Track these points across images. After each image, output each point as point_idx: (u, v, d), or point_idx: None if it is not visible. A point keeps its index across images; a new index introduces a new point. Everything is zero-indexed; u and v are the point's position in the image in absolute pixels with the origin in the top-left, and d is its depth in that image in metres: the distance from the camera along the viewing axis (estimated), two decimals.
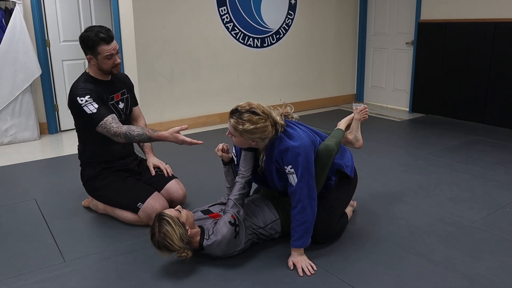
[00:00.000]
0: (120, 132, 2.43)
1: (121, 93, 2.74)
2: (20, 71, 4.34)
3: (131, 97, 2.85)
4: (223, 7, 5.05)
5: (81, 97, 2.48)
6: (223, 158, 2.34)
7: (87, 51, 2.55)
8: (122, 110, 2.72)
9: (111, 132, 2.45)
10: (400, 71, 5.94)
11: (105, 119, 2.46)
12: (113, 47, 2.54)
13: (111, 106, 2.64)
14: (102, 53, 2.51)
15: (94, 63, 2.57)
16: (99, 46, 2.50)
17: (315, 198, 2.12)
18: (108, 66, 2.57)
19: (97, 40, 2.49)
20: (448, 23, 5.15)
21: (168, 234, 1.97)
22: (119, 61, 2.62)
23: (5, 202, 3.00)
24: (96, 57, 2.54)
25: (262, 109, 2.04)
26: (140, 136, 2.45)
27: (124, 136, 2.44)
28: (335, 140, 2.30)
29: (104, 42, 2.50)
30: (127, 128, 2.45)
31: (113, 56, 2.56)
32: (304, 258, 2.15)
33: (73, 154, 4.06)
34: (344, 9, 6.14)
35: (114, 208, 2.67)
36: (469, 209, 2.81)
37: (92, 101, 2.48)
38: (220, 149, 2.32)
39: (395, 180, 3.31)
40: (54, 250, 2.35)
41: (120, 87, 2.75)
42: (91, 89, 2.53)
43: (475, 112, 5.09)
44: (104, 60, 2.54)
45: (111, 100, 2.65)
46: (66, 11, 4.75)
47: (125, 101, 2.76)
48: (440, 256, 2.25)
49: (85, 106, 2.47)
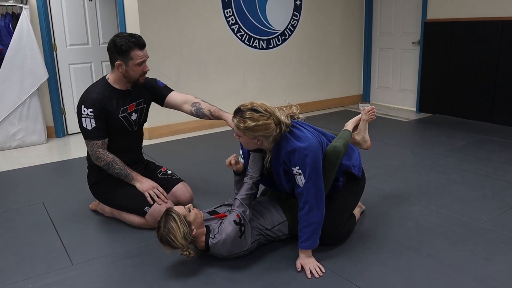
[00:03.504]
0: (104, 159, 2.56)
1: (137, 103, 2.70)
2: (27, 75, 4.37)
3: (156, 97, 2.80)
4: (229, 9, 5.05)
5: (85, 107, 2.50)
6: (237, 169, 2.32)
7: (118, 56, 2.50)
8: (134, 121, 2.69)
9: (95, 155, 2.56)
10: (406, 71, 5.90)
11: (95, 142, 2.53)
12: (145, 54, 2.53)
13: (122, 118, 2.61)
14: (135, 59, 2.49)
15: (121, 70, 2.53)
16: (133, 51, 2.48)
17: (323, 199, 2.10)
18: (136, 73, 2.54)
19: (131, 45, 2.47)
20: (455, 22, 5.11)
21: (172, 230, 2.00)
22: (148, 69, 2.60)
23: (13, 205, 3.01)
24: (126, 63, 2.50)
25: (265, 107, 2.05)
26: (120, 171, 2.59)
27: (105, 164, 2.57)
28: (343, 141, 2.29)
29: (138, 47, 2.49)
30: (112, 159, 2.56)
31: (143, 63, 2.54)
32: (312, 260, 2.14)
33: (80, 157, 4.08)
34: (350, 10, 6.12)
35: (121, 211, 2.67)
36: (478, 209, 2.78)
37: (92, 117, 2.49)
38: (233, 164, 2.29)
39: (403, 181, 3.29)
40: (62, 253, 2.36)
41: (138, 96, 2.71)
42: (99, 104, 2.50)
43: (483, 111, 5.04)
44: (135, 67, 2.51)
45: (123, 112, 2.62)
46: (72, 15, 4.77)
47: (139, 112, 2.72)
48: (450, 257, 2.22)
49: (84, 118, 2.51)
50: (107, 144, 2.59)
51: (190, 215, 2.09)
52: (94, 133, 2.53)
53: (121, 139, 2.67)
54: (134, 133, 2.74)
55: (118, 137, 2.65)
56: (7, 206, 3.00)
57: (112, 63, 2.55)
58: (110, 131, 2.60)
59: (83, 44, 4.93)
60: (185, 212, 2.08)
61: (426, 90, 5.57)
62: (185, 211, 2.09)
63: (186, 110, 2.82)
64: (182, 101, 2.82)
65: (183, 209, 2.10)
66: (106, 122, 2.56)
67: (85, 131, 2.54)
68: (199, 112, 2.78)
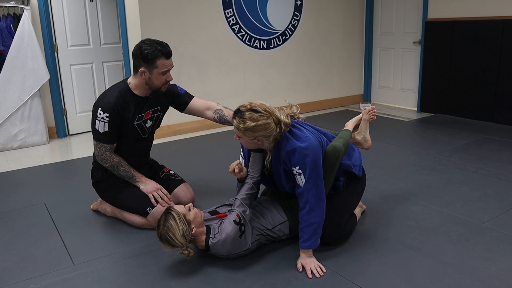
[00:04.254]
0: (110, 161, 2.57)
1: (153, 111, 2.68)
2: (29, 76, 4.38)
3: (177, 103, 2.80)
4: (229, 9, 5.05)
5: (101, 110, 2.48)
6: (241, 177, 2.29)
7: (142, 63, 2.46)
8: (148, 128, 2.68)
9: (101, 156, 2.57)
10: (407, 70, 5.90)
11: (104, 145, 2.54)
12: (170, 63, 2.50)
13: (137, 125, 2.60)
14: (160, 68, 2.45)
15: (145, 77, 2.49)
16: (159, 60, 2.43)
17: (323, 199, 2.10)
18: (159, 82, 2.51)
19: (158, 53, 2.42)
20: (456, 22, 5.11)
21: (171, 228, 2.01)
22: (171, 78, 2.57)
23: (15, 206, 3.02)
24: (150, 71, 2.46)
25: (264, 107, 2.05)
26: (124, 172, 2.60)
27: (110, 166, 2.58)
28: (343, 141, 2.29)
29: (164, 56, 2.45)
30: (118, 162, 2.57)
31: (167, 72, 2.51)
32: (313, 260, 2.14)
33: (82, 158, 4.09)
34: (350, 9, 6.12)
35: (123, 211, 2.68)
36: (479, 209, 2.77)
37: (106, 122, 2.48)
38: (237, 172, 2.25)
39: (404, 181, 3.29)
40: (63, 253, 2.36)
41: (156, 104, 2.68)
42: (117, 110, 2.49)
43: (485, 111, 5.04)
44: (159, 75, 2.48)
45: (138, 120, 2.60)
46: (73, 16, 4.78)
47: (154, 120, 2.70)
48: (451, 257, 2.22)
49: (98, 121, 2.50)
50: (114, 148, 2.59)
51: (189, 214, 2.10)
52: (105, 137, 2.52)
53: (133, 145, 2.67)
54: (145, 139, 2.74)
55: (129, 143, 2.65)
56: (9, 207, 3.01)
57: (135, 69, 2.51)
58: (122, 135, 2.60)
59: (84, 45, 4.94)
60: (184, 211, 2.09)
61: (427, 89, 5.57)
62: (185, 210, 2.10)
63: (209, 117, 2.82)
64: (205, 108, 2.82)
65: (183, 208, 2.11)
66: (119, 128, 2.56)
67: (96, 133, 2.53)
68: (223, 119, 2.79)
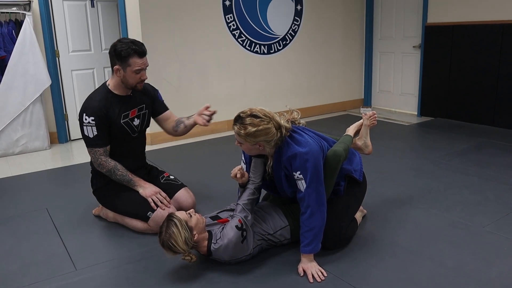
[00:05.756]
0: (106, 166, 2.58)
1: (139, 109, 2.71)
2: (30, 82, 4.40)
3: (153, 109, 2.83)
4: (230, 15, 5.08)
5: (86, 115, 2.52)
6: (243, 182, 2.30)
7: (116, 61, 2.50)
8: (136, 126, 2.71)
9: (97, 162, 2.59)
10: (407, 74, 5.92)
11: (97, 149, 2.56)
12: (144, 62, 2.52)
13: (124, 124, 2.63)
14: (133, 66, 2.48)
15: (119, 75, 2.53)
16: (132, 58, 2.47)
17: (324, 203, 2.11)
18: (133, 80, 2.54)
19: (131, 51, 2.46)
20: (455, 26, 5.13)
21: (173, 235, 2.02)
22: (146, 77, 2.60)
23: (16, 211, 3.03)
24: (124, 69, 2.50)
25: (264, 112, 2.07)
26: (122, 177, 2.60)
27: (107, 171, 2.59)
28: (343, 145, 2.30)
29: (137, 55, 2.48)
30: (114, 166, 2.58)
31: (141, 71, 2.53)
32: (314, 264, 2.14)
33: (83, 163, 4.10)
34: (350, 14, 6.15)
35: (124, 216, 2.68)
36: (480, 212, 2.78)
37: (93, 125, 2.51)
38: (239, 177, 2.26)
39: (404, 185, 3.30)
40: (66, 258, 2.37)
41: (140, 101, 2.72)
42: (101, 112, 2.52)
43: (485, 114, 5.05)
44: (132, 74, 2.51)
45: (124, 118, 2.63)
46: (74, 21, 4.81)
47: (141, 117, 2.73)
48: (452, 260, 2.23)
49: (85, 127, 2.54)
50: (109, 151, 2.61)
51: (191, 220, 2.10)
52: (96, 141, 2.55)
53: (124, 145, 2.69)
54: (136, 138, 2.76)
55: (120, 143, 2.67)
56: (11, 212, 3.01)
57: (112, 68, 2.56)
58: (112, 137, 2.62)
59: (86, 50, 4.96)
60: (186, 218, 2.10)
61: (428, 94, 5.58)
62: (187, 217, 2.11)
63: (169, 128, 2.87)
64: (169, 119, 2.88)
65: (185, 215, 2.12)
66: (108, 130, 2.58)
67: (86, 139, 2.57)
68: (179, 122, 2.83)
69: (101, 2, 4.97)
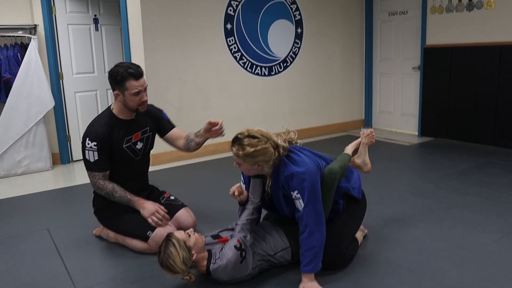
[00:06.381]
0: (104, 189, 2.60)
1: (142, 132, 2.73)
2: (34, 104, 4.45)
3: (159, 129, 2.84)
4: (231, 38, 5.16)
5: (89, 140, 2.56)
6: (241, 200, 2.32)
7: (114, 86, 2.53)
8: (139, 150, 2.73)
9: (96, 185, 2.63)
10: (408, 95, 5.97)
11: (96, 173, 2.60)
12: (141, 84, 2.53)
13: (127, 148, 2.65)
14: (130, 89, 2.50)
15: (120, 100, 2.56)
16: (128, 81, 2.49)
17: (323, 222, 2.12)
18: (134, 103, 2.56)
19: (126, 75, 2.48)
20: (454, 48, 5.20)
21: (172, 255, 2.03)
22: (146, 98, 2.60)
23: (18, 231, 3.03)
24: (123, 93, 2.53)
25: (261, 133, 2.10)
26: (121, 198, 2.61)
27: (105, 194, 2.62)
28: (340, 163, 2.32)
29: (132, 77, 2.49)
30: (112, 189, 2.60)
31: (140, 93, 2.54)
32: (315, 284, 2.13)
33: (85, 184, 4.11)
34: (350, 36, 6.24)
35: (125, 237, 2.69)
36: (481, 232, 2.77)
37: (95, 150, 2.55)
38: (236, 195, 2.29)
39: (405, 204, 3.29)
40: (66, 279, 2.37)
41: (143, 125, 2.74)
42: (104, 137, 2.55)
43: (485, 134, 5.06)
44: (131, 96, 2.53)
45: (127, 142, 2.66)
46: (79, 45, 4.90)
47: (144, 141, 2.75)
48: (454, 281, 2.21)
49: (87, 151, 2.58)
50: (108, 175, 2.64)
51: (190, 240, 2.11)
52: (97, 165, 2.59)
53: (126, 168, 2.71)
54: (139, 161, 2.77)
55: (123, 166, 2.69)
56: (12, 232, 3.02)
57: (113, 93, 2.59)
58: (115, 160, 2.64)
59: (89, 73, 5.04)
60: (185, 237, 2.10)
61: (428, 114, 5.62)
62: (185, 236, 2.11)
63: (180, 145, 2.87)
64: (179, 137, 2.87)
65: (183, 234, 2.12)
66: (109, 154, 2.61)
67: (87, 163, 2.61)
68: (188, 140, 2.82)
69: (105, 25, 5.07)
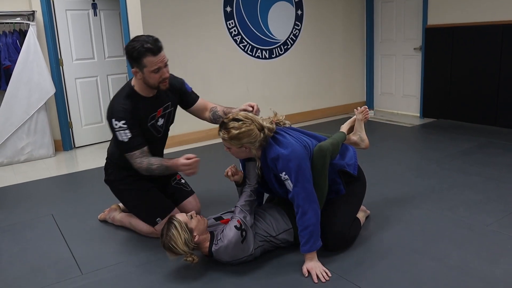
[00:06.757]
0: (142, 166, 2.41)
1: (164, 108, 2.57)
2: (35, 90, 4.45)
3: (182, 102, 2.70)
4: (231, 21, 5.12)
5: (116, 120, 2.36)
6: (236, 180, 2.35)
7: (132, 63, 2.33)
8: (160, 126, 2.60)
9: (134, 165, 2.43)
10: (409, 76, 5.93)
11: (133, 152, 2.40)
12: (160, 59, 2.32)
13: (150, 126, 2.52)
14: (149, 66, 2.30)
15: (140, 77, 2.36)
16: (145, 58, 2.28)
17: (315, 200, 2.13)
18: (155, 80, 2.36)
19: (142, 50, 2.27)
20: (456, 28, 5.15)
21: (173, 237, 2.06)
22: (168, 75, 2.41)
23: (23, 218, 3.06)
24: (142, 71, 2.33)
25: (245, 115, 2.15)
26: (159, 168, 2.41)
27: (144, 170, 2.43)
28: (331, 140, 2.33)
29: (150, 53, 2.28)
30: (147, 163, 2.41)
31: (160, 70, 2.34)
32: (318, 265, 2.15)
33: (88, 169, 4.13)
34: (351, 18, 6.18)
35: (131, 217, 2.70)
36: (483, 212, 2.78)
37: (126, 129, 2.36)
38: (230, 175, 2.32)
39: (407, 185, 3.31)
40: (72, 263, 2.40)
41: (165, 100, 2.57)
42: (129, 112, 2.38)
43: (487, 114, 5.05)
44: (151, 74, 2.32)
45: (151, 120, 2.51)
46: (78, 30, 4.86)
47: (166, 116, 2.61)
48: (456, 260, 2.23)
49: (118, 132, 2.38)
50: (146, 151, 2.44)
51: (192, 222, 2.14)
52: (132, 143, 2.39)
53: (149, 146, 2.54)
54: (160, 139, 2.66)
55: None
56: (17, 219, 3.05)
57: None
58: None
59: (89, 59, 5.01)
60: (186, 220, 2.13)
61: (429, 95, 5.59)
62: (187, 219, 2.14)
63: (206, 117, 2.75)
64: (204, 109, 2.75)
65: (185, 217, 2.15)
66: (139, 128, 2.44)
67: (123, 145, 2.40)
68: (216, 115, 2.71)
69: (103, 10, 5.03)
